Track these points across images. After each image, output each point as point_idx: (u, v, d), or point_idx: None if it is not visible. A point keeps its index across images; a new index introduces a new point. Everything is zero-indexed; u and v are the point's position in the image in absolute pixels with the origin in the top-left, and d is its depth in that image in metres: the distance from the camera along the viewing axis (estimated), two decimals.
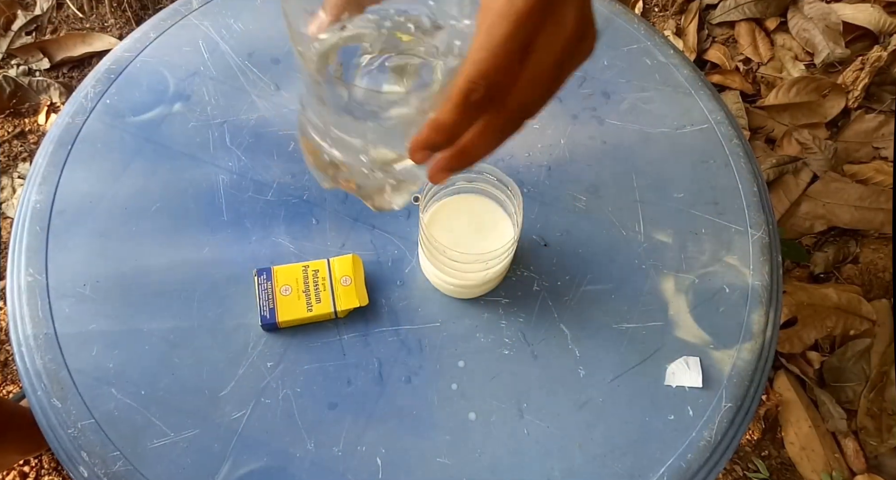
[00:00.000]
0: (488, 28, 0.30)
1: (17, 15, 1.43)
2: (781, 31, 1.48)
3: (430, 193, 0.52)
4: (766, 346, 0.58)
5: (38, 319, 0.55)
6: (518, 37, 0.30)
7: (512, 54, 0.30)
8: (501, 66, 0.30)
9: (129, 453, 0.51)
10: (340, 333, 0.57)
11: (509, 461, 0.53)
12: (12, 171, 1.30)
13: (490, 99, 0.31)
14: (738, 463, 1.12)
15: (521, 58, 0.30)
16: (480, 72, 0.30)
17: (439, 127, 0.32)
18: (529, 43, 0.30)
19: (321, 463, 0.52)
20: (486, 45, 0.30)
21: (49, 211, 0.59)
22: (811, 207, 1.27)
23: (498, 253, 0.48)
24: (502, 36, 0.29)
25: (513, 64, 0.30)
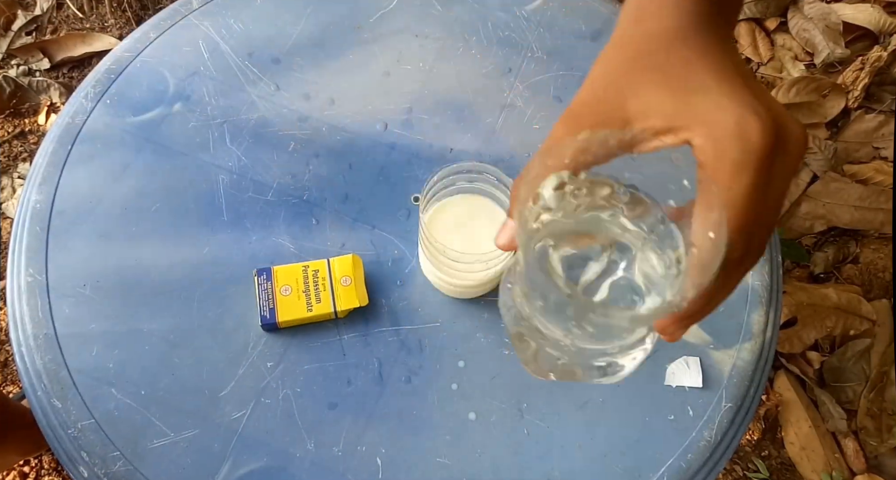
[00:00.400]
0: (730, 183, 0.28)
1: (17, 15, 1.43)
2: (781, 31, 1.48)
3: (430, 193, 0.52)
4: (766, 346, 0.58)
5: (38, 319, 0.55)
6: (761, 182, 0.28)
7: (760, 201, 0.28)
8: (753, 217, 0.28)
9: (129, 453, 0.51)
10: (340, 333, 0.57)
11: (509, 461, 0.53)
12: (12, 171, 1.30)
13: (749, 251, 0.29)
14: (738, 463, 1.12)
15: (763, 197, 0.29)
16: (736, 230, 0.28)
17: (704, 296, 0.30)
18: (769, 181, 0.29)
19: (321, 463, 0.52)
20: (734, 201, 0.28)
21: (49, 211, 0.59)
22: (811, 207, 1.27)
23: (498, 253, 0.48)
24: (747, 187, 0.28)
25: (762, 208, 0.29)
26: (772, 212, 0.29)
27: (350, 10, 0.70)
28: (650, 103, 0.30)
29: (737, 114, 0.28)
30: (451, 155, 0.64)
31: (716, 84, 0.29)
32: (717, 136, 0.28)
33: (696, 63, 0.31)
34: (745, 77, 0.30)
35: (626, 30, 0.34)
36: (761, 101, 0.29)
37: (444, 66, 0.68)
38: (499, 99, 0.67)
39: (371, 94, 0.66)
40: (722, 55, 0.31)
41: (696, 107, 0.29)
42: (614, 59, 0.33)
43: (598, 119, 0.31)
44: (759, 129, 0.28)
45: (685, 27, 0.32)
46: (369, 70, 0.67)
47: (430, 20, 0.70)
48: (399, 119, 0.65)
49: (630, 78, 0.31)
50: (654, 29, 0.33)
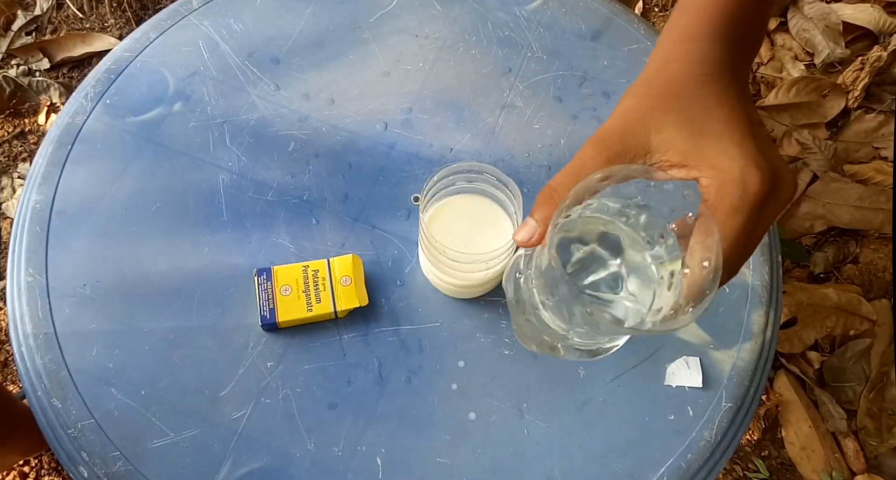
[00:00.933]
0: (724, 222, 0.33)
1: (17, 15, 1.43)
2: (781, 31, 1.48)
3: (430, 193, 0.52)
4: (766, 346, 0.58)
5: (38, 319, 0.55)
6: (750, 224, 0.34)
7: (746, 240, 0.34)
8: (738, 252, 0.34)
9: (129, 453, 0.51)
10: (340, 333, 0.57)
11: (509, 461, 0.53)
12: (12, 171, 1.30)
13: (726, 277, 0.34)
14: (738, 463, 1.12)
15: (750, 235, 0.34)
16: (722, 260, 0.33)
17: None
18: (758, 222, 0.34)
19: (321, 463, 0.52)
20: (725, 237, 0.33)
21: (49, 211, 0.59)
22: (811, 207, 1.27)
23: (498, 253, 0.48)
24: (738, 227, 0.33)
25: (746, 246, 0.34)
26: (753, 247, 0.35)
27: (350, 10, 0.70)
28: (670, 140, 0.35)
29: (741, 164, 0.33)
30: (451, 155, 0.64)
31: (727, 133, 0.35)
32: (722, 181, 0.34)
33: (713, 110, 0.36)
34: (753, 127, 0.35)
35: (656, 69, 0.39)
36: (763, 153, 0.34)
37: (444, 66, 0.68)
38: (499, 99, 0.67)
39: (371, 94, 0.66)
40: (736, 103, 0.36)
41: (708, 151, 0.34)
42: (643, 96, 0.38)
43: (623, 147, 0.36)
44: (758, 180, 0.33)
45: (708, 74, 0.37)
46: (369, 70, 0.67)
47: (430, 20, 0.70)
48: (399, 119, 0.65)
49: (655, 116, 0.36)
50: (681, 73, 0.38)
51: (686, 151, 0.35)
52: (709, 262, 0.33)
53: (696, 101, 0.36)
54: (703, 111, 0.36)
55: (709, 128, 0.35)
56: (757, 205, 0.33)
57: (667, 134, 0.35)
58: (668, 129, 0.35)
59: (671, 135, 0.35)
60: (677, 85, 0.37)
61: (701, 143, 0.35)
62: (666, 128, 0.35)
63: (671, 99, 0.37)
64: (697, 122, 0.35)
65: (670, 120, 0.36)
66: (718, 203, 0.34)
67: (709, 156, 0.34)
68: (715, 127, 0.35)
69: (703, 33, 0.38)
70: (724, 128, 0.35)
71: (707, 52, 0.38)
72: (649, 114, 0.36)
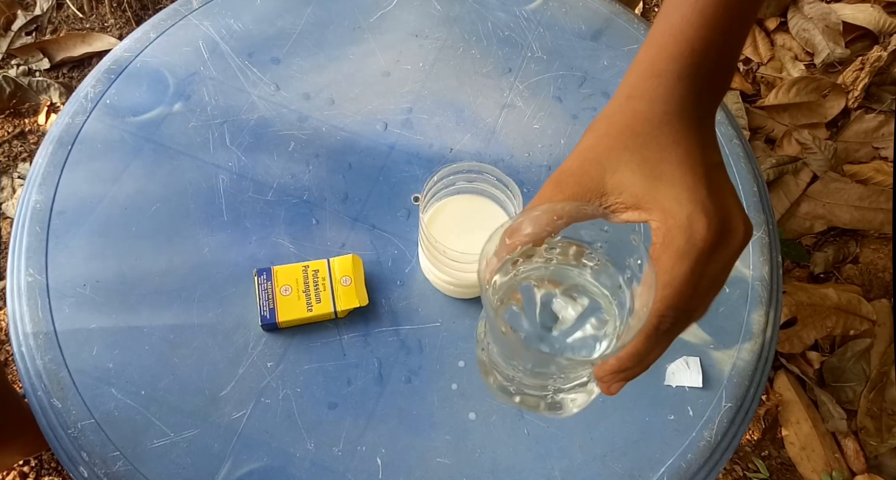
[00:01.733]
0: (670, 268, 0.33)
1: (17, 15, 1.43)
2: (781, 31, 1.48)
3: (430, 193, 0.52)
4: (766, 346, 0.58)
5: (38, 319, 0.55)
6: (697, 270, 0.33)
7: (694, 286, 0.34)
8: (685, 298, 0.34)
9: (129, 453, 0.51)
10: (340, 333, 0.57)
11: (509, 461, 0.53)
12: (12, 171, 1.30)
13: (675, 324, 0.34)
14: (738, 463, 1.12)
15: (698, 281, 0.34)
16: (669, 307, 0.33)
17: (634, 357, 0.35)
18: (705, 268, 0.34)
19: (321, 463, 0.52)
20: (671, 283, 0.33)
21: (49, 211, 0.59)
22: (811, 207, 1.27)
23: None
24: (685, 274, 0.33)
25: (693, 292, 0.34)
26: (706, 292, 0.35)
27: (350, 10, 0.70)
28: (625, 182, 0.35)
29: (689, 209, 0.33)
30: (451, 155, 0.64)
31: (679, 176, 0.34)
32: (670, 226, 0.34)
33: (669, 152, 0.35)
34: (709, 171, 0.35)
35: (619, 103, 0.38)
36: (714, 199, 0.34)
37: (444, 66, 0.68)
38: (499, 99, 0.67)
39: (371, 94, 0.66)
40: (694, 146, 0.36)
41: (659, 194, 0.34)
42: (603, 134, 0.37)
43: (580, 189, 0.36)
44: (705, 227, 0.33)
45: (669, 113, 0.36)
46: (369, 70, 0.67)
47: (430, 20, 0.70)
48: (399, 119, 0.65)
49: (612, 156, 0.36)
50: (642, 110, 0.37)
51: (639, 193, 0.35)
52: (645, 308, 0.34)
53: (653, 141, 0.36)
54: (660, 152, 0.35)
55: (663, 171, 0.35)
56: (705, 252, 0.33)
57: (621, 175, 0.35)
58: (622, 171, 0.35)
59: (626, 176, 0.35)
60: (637, 123, 0.37)
61: (654, 186, 0.34)
62: (621, 169, 0.35)
63: (630, 137, 0.36)
64: (652, 164, 0.35)
65: (625, 160, 0.35)
66: (665, 248, 0.34)
67: (660, 200, 0.34)
68: (669, 169, 0.35)
69: (667, 71, 0.37)
70: (678, 171, 0.35)
71: (671, 91, 0.37)
72: (605, 154, 0.36)
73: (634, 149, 0.36)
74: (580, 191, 0.36)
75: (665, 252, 0.33)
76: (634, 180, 0.35)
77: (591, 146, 0.37)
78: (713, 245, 0.33)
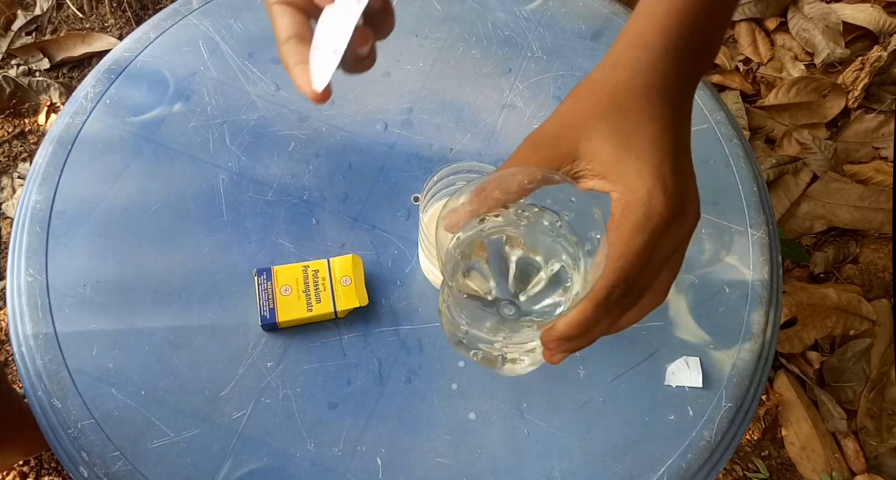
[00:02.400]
0: (626, 240, 0.34)
1: (17, 15, 1.43)
2: (781, 31, 1.48)
3: (430, 193, 0.52)
4: (766, 346, 0.58)
5: (38, 319, 0.55)
6: (651, 245, 0.34)
7: (646, 260, 0.34)
8: (637, 271, 0.34)
9: (129, 453, 0.51)
10: (340, 333, 0.57)
11: (509, 461, 0.53)
12: (12, 171, 1.30)
13: (625, 296, 0.35)
14: (738, 463, 1.12)
15: (651, 256, 0.34)
16: (620, 278, 0.34)
17: (580, 325, 0.35)
18: (658, 244, 0.34)
19: (321, 463, 0.52)
20: (626, 255, 0.34)
21: (49, 211, 0.59)
22: (811, 207, 1.27)
23: None
24: (639, 246, 0.34)
25: (646, 266, 0.34)
26: (654, 272, 0.35)
27: None
28: (597, 150, 0.36)
29: (649, 184, 0.34)
30: (451, 155, 0.64)
31: (649, 152, 0.35)
32: (629, 199, 0.34)
33: (643, 126, 0.36)
34: (678, 151, 0.36)
35: (603, 71, 0.39)
36: (676, 179, 0.35)
37: (444, 66, 0.68)
38: (499, 99, 0.67)
39: (371, 94, 0.66)
40: (668, 123, 0.36)
41: (625, 166, 0.35)
42: (583, 99, 0.38)
43: (555, 152, 0.36)
44: (662, 203, 0.34)
45: (650, 86, 0.37)
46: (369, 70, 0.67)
47: (430, 20, 0.70)
48: (399, 119, 0.65)
49: (589, 122, 0.36)
50: (624, 80, 0.37)
51: (608, 163, 0.35)
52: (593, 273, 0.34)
53: (631, 113, 0.36)
54: (635, 125, 0.36)
55: (634, 144, 0.35)
56: (660, 227, 0.34)
57: (595, 142, 0.36)
58: (596, 138, 0.36)
59: (598, 144, 0.35)
60: (618, 92, 0.37)
61: (623, 158, 0.35)
62: (595, 136, 0.36)
63: (609, 106, 0.36)
64: (625, 136, 0.35)
65: (600, 128, 0.36)
66: (623, 221, 0.34)
67: (625, 172, 0.35)
68: (640, 143, 0.35)
69: (654, 43, 0.37)
70: (648, 147, 0.35)
71: (655, 64, 0.37)
72: (583, 120, 0.36)
73: (611, 118, 0.36)
74: (555, 154, 0.36)
75: (622, 224, 0.34)
76: (605, 149, 0.35)
77: (569, 110, 0.38)
78: (668, 221, 0.34)
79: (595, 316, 0.35)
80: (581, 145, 0.36)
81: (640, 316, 0.38)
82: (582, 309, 0.34)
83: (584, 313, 0.35)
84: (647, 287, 0.36)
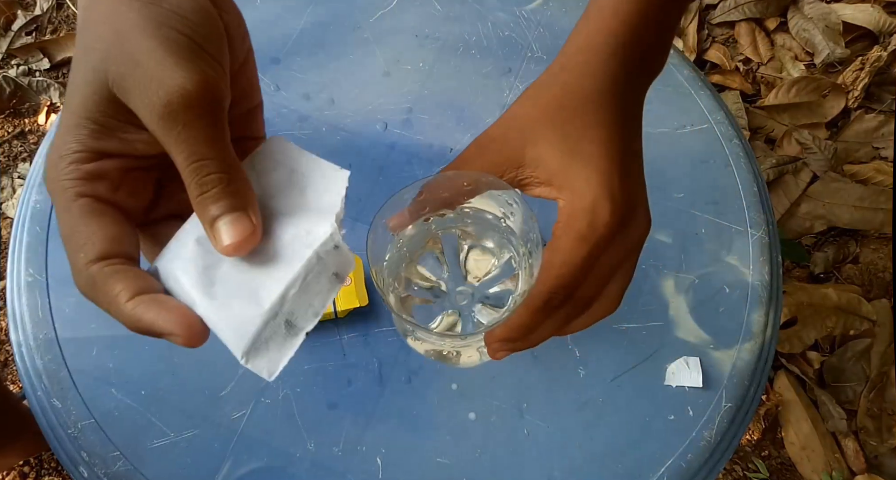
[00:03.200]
0: (570, 248, 0.33)
1: (17, 15, 1.43)
2: (781, 31, 1.48)
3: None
4: (766, 346, 0.58)
5: (38, 319, 0.55)
6: (595, 255, 0.33)
7: (588, 269, 0.33)
8: (578, 279, 0.33)
9: (129, 453, 0.51)
10: (340, 333, 0.57)
11: (509, 461, 0.53)
12: (12, 171, 1.30)
13: (565, 302, 0.34)
14: (738, 463, 1.12)
15: (594, 265, 0.34)
16: (560, 286, 0.33)
17: (520, 329, 0.35)
18: (603, 253, 0.34)
19: (321, 463, 0.52)
20: (567, 263, 0.33)
21: (49, 211, 0.59)
22: (811, 207, 1.27)
23: None
24: (581, 256, 0.33)
25: (588, 274, 0.34)
26: (600, 282, 0.34)
27: (350, 10, 0.70)
28: (542, 156, 0.35)
29: (596, 193, 0.33)
30: (451, 155, 0.64)
31: (596, 159, 0.34)
32: (575, 207, 0.33)
33: (591, 131, 0.35)
34: (626, 157, 0.35)
35: (552, 74, 0.38)
36: (624, 188, 0.34)
37: (444, 66, 0.68)
38: (499, 99, 0.67)
39: (371, 94, 0.66)
40: (618, 128, 0.35)
41: (572, 173, 0.34)
42: (531, 104, 0.37)
43: (499, 157, 0.36)
44: (608, 212, 0.33)
45: (598, 90, 0.36)
46: (369, 70, 0.67)
47: (430, 20, 0.70)
48: (399, 119, 0.65)
49: (534, 127, 0.35)
50: (573, 84, 0.36)
51: (554, 170, 0.34)
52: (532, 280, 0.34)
53: (578, 118, 0.35)
54: (582, 130, 0.35)
55: (581, 150, 0.34)
56: (605, 237, 0.33)
57: (540, 148, 0.35)
58: (542, 144, 0.35)
59: (544, 150, 0.35)
60: (566, 96, 0.36)
61: (569, 164, 0.34)
62: (541, 142, 0.35)
63: (556, 111, 0.35)
64: (573, 141, 0.34)
65: (547, 134, 0.35)
66: (567, 228, 0.33)
67: (571, 179, 0.34)
68: (587, 149, 0.34)
69: (603, 45, 0.36)
70: (595, 152, 0.34)
71: (603, 67, 0.36)
72: (529, 125, 0.35)
73: (558, 123, 0.35)
74: (499, 159, 0.35)
75: (566, 232, 0.33)
76: (552, 155, 0.34)
77: (516, 115, 0.37)
78: (613, 232, 0.33)
79: (534, 321, 0.34)
80: (527, 151, 0.35)
81: (589, 323, 0.37)
82: (521, 313, 0.34)
83: (522, 318, 0.34)
84: (594, 295, 0.35)
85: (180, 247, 0.29)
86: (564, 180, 0.34)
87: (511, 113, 0.37)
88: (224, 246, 0.28)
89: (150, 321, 0.29)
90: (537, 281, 0.33)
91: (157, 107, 0.26)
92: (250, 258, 0.28)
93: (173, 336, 0.29)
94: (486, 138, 0.37)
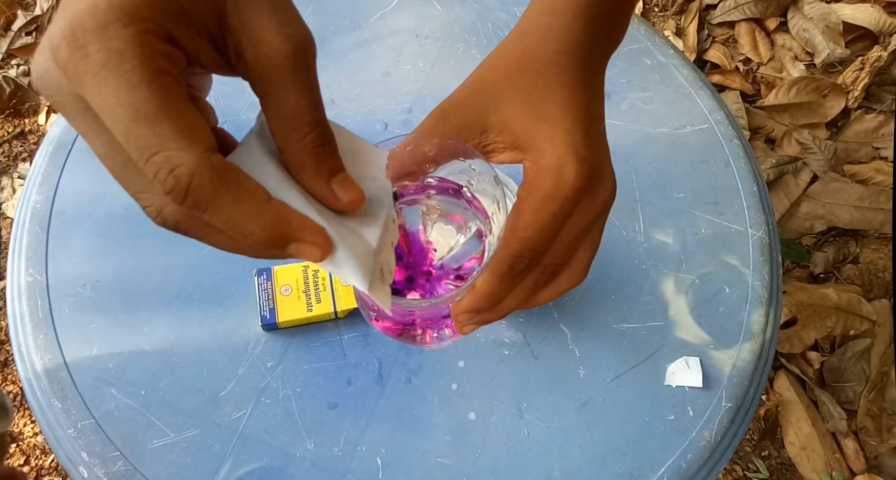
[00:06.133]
0: (535, 209, 0.32)
1: (17, 15, 1.43)
2: (781, 31, 1.48)
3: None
4: (766, 346, 0.58)
5: (38, 319, 0.55)
6: (562, 215, 0.32)
7: (555, 231, 0.32)
8: (545, 242, 0.32)
9: (129, 453, 0.51)
10: (340, 333, 0.57)
11: (509, 461, 0.53)
12: (12, 171, 1.31)
13: (531, 267, 0.33)
14: (738, 463, 1.12)
15: (561, 227, 0.33)
16: (526, 248, 0.32)
17: (486, 297, 0.34)
18: (569, 215, 0.33)
19: (321, 463, 0.52)
20: (533, 224, 0.32)
21: (49, 211, 0.59)
22: (811, 207, 1.27)
23: None
24: (548, 216, 0.32)
25: (554, 237, 0.33)
26: (567, 246, 0.33)
27: (350, 10, 0.70)
28: (506, 119, 0.34)
29: (561, 152, 0.32)
30: None
31: (560, 119, 0.33)
32: (540, 166, 0.33)
33: (553, 92, 0.34)
34: (589, 118, 0.34)
35: (513, 39, 0.37)
36: (589, 147, 0.33)
37: (444, 66, 0.68)
38: None
39: (371, 94, 0.66)
40: (579, 90, 0.34)
41: (537, 134, 0.33)
42: (492, 67, 0.36)
43: (462, 123, 0.35)
44: (574, 172, 0.32)
45: (560, 53, 0.35)
46: (369, 70, 0.67)
47: (430, 20, 0.70)
48: (399, 119, 0.65)
49: (497, 91, 0.35)
50: (534, 47, 0.36)
51: (518, 133, 0.34)
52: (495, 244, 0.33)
53: (540, 80, 0.34)
54: (545, 91, 0.34)
55: (544, 111, 0.33)
56: (571, 197, 0.32)
57: (504, 112, 0.34)
58: (506, 107, 0.34)
59: (508, 113, 0.34)
60: (527, 59, 0.35)
61: (534, 125, 0.33)
62: (504, 105, 0.34)
63: (517, 73, 0.35)
64: (536, 103, 0.34)
65: (510, 97, 0.34)
66: (533, 189, 0.32)
67: (535, 140, 0.33)
68: (551, 109, 0.33)
69: (563, 9, 0.36)
70: (558, 113, 0.33)
71: (565, 30, 0.35)
72: (491, 89, 0.35)
73: (520, 85, 0.34)
74: (462, 125, 0.35)
75: (532, 193, 0.32)
76: (515, 118, 0.34)
77: (478, 78, 0.36)
78: (580, 191, 0.32)
79: (500, 287, 0.33)
80: (490, 115, 0.34)
81: (556, 294, 0.36)
82: (486, 279, 0.33)
83: (488, 284, 0.33)
84: (561, 263, 0.34)
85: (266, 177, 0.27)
86: (529, 142, 0.33)
87: (473, 77, 0.36)
88: (345, 202, 0.28)
89: (299, 220, 0.26)
90: (502, 243, 0.32)
91: (295, 41, 0.27)
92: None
93: (310, 245, 0.27)
94: (448, 103, 0.36)
